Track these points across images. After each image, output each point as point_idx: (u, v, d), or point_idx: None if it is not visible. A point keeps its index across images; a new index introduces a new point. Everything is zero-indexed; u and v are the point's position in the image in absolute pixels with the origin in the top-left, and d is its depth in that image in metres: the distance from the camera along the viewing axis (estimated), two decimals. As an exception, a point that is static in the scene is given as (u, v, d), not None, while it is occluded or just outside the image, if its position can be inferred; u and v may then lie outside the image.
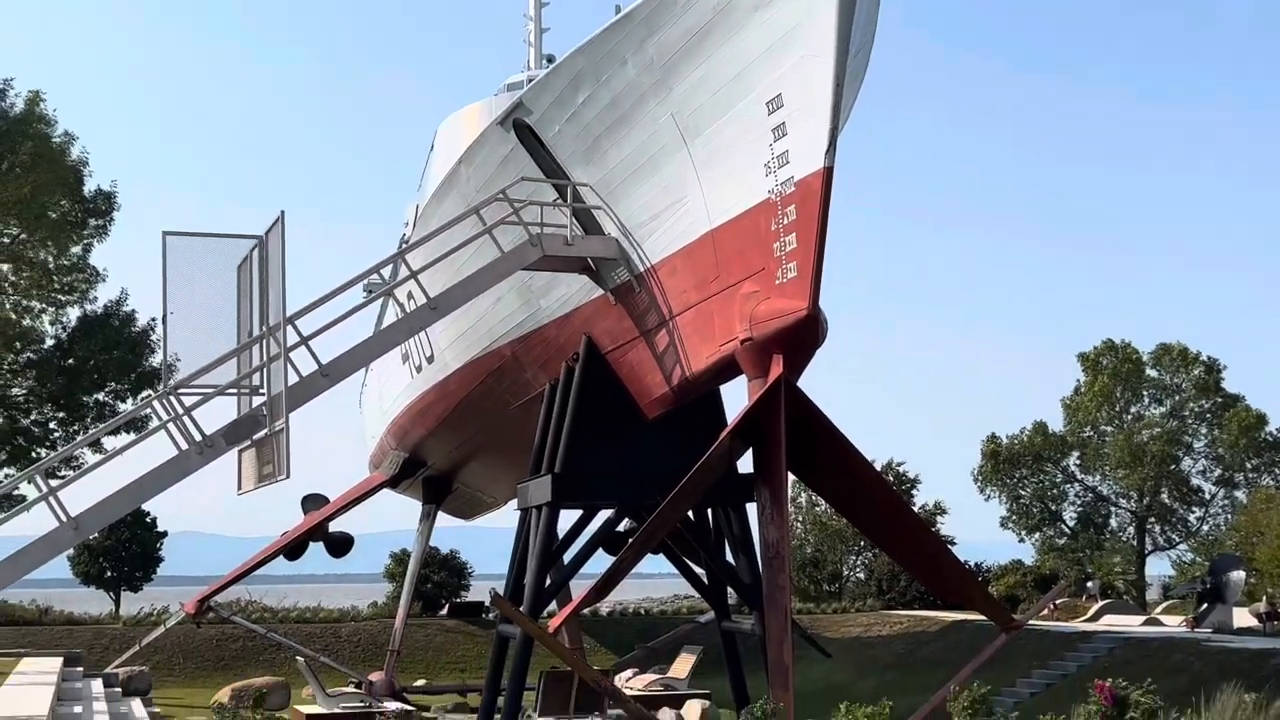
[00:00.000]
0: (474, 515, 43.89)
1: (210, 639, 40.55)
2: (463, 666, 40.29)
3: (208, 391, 22.64)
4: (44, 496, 21.21)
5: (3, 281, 40.52)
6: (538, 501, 22.72)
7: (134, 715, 23.99)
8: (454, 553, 51.02)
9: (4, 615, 41.70)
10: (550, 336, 24.43)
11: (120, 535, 50.07)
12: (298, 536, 36.87)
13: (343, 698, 29.14)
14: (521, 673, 21.93)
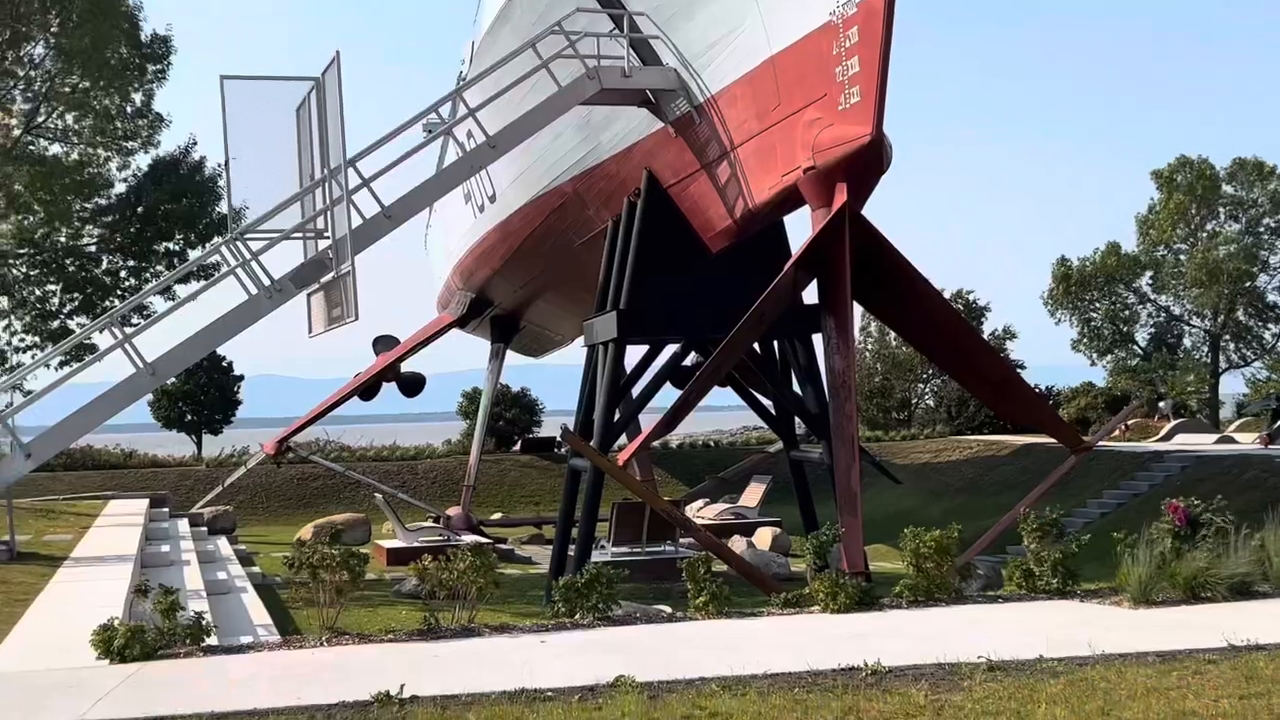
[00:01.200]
0: (542, 353, 44.28)
1: (291, 478, 41.60)
2: (537, 500, 41.09)
3: (274, 236, 22.80)
4: (119, 344, 21.61)
5: (69, 130, 40.73)
6: (604, 338, 22.83)
7: (220, 553, 24.80)
8: (524, 390, 51.61)
9: (91, 459, 42.95)
10: (611, 172, 24.24)
11: (198, 380, 51.12)
12: (370, 377, 37.43)
13: (421, 532, 29.91)
14: (593, 505, 22.30)
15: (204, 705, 8.38)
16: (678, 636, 11.34)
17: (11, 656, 11.05)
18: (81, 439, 29.40)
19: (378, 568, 26.14)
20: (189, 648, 10.73)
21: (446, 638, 11.14)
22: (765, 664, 9.42)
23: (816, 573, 12.97)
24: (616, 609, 12.41)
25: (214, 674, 9.89)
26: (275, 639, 12.82)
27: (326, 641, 11.07)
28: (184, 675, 9.83)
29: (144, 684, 9.36)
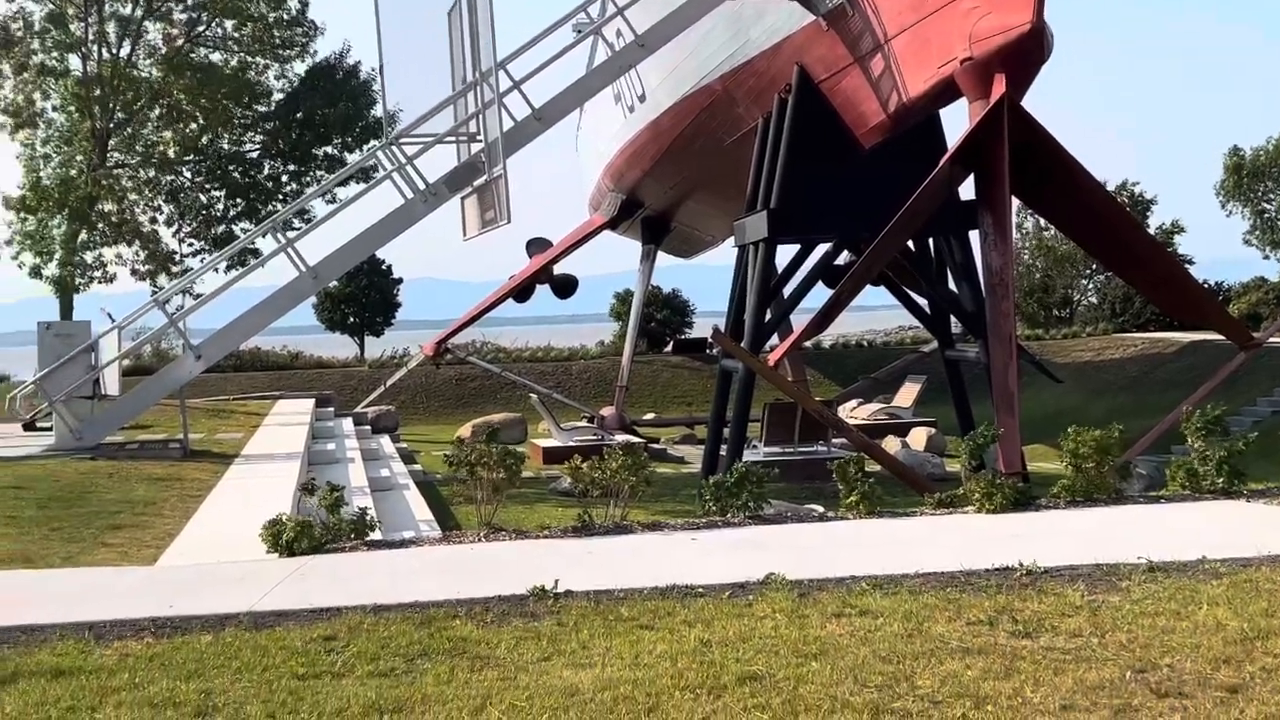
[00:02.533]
0: (693, 254, 44.19)
1: (450, 379, 42.50)
2: (689, 400, 41.31)
3: (428, 140, 23.07)
4: (282, 248, 22.21)
5: (226, 38, 41.63)
6: (755, 238, 22.66)
7: (384, 451, 25.53)
8: (676, 291, 51.69)
9: (259, 361, 44.45)
10: (761, 68, 23.86)
11: (360, 283, 52.35)
12: (524, 279, 37.86)
13: (576, 431, 30.36)
14: (744, 406, 22.33)
15: (367, 598, 8.66)
16: (828, 535, 11.34)
17: (186, 550, 11.58)
18: (249, 341, 30.45)
19: (534, 466, 26.66)
20: (353, 542, 11.09)
21: (600, 534, 11.31)
22: (917, 563, 9.37)
23: (972, 473, 12.81)
24: (767, 508, 12.44)
25: (377, 567, 10.21)
26: (435, 534, 13.18)
27: (484, 537, 11.34)
28: (348, 569, 10.17)
29: (310, 577, 9.72)
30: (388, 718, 6.20)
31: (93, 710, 6.40)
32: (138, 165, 41.68)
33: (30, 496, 15.00)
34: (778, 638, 7.48)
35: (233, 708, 6.41)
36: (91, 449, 19.77)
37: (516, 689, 6.62)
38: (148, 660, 7.29)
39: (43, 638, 7.78)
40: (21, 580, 10.08)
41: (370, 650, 7.40)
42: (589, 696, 6.46)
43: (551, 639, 7.59)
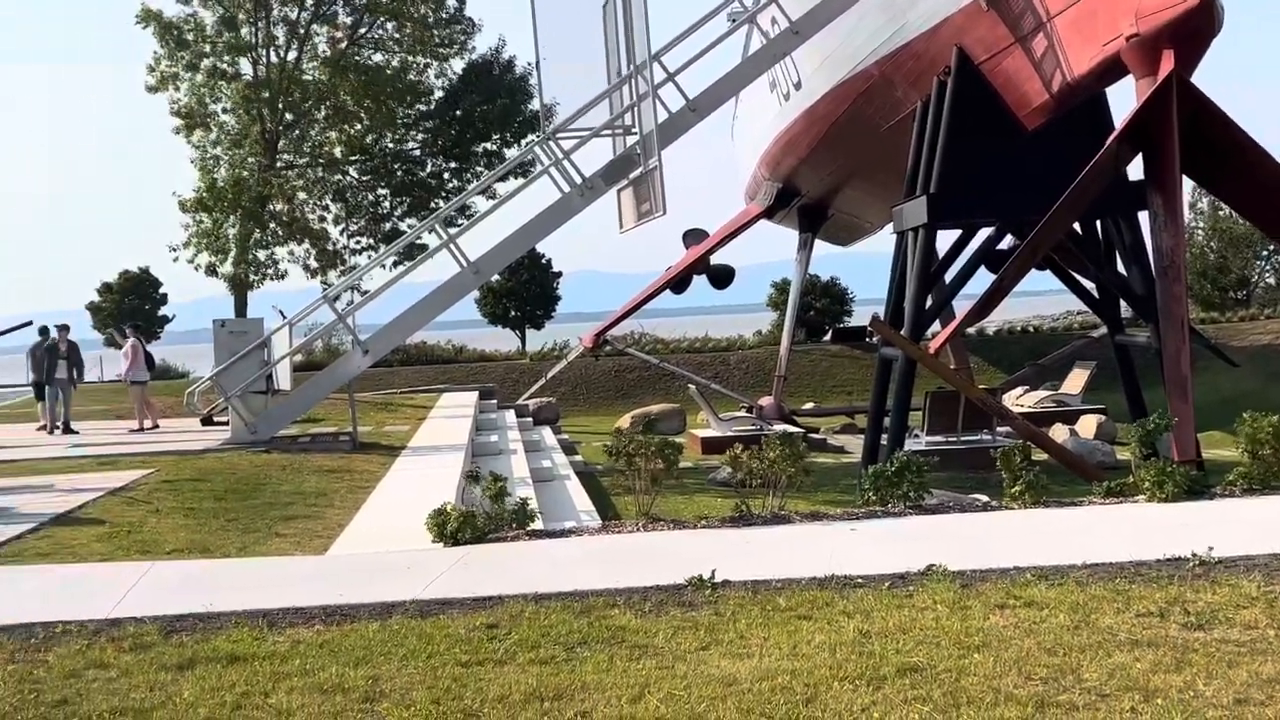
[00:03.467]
0: (851, 241, 43.69)
1: (609, 370, 42.82)
2: (848, 389, 40.91)
3: (583, 134, 23.26)
4: (444, 244, 22.64)
5: (388, 39, 42.58)
6: (914, 223, 22.31)
7: (545, 442, 25.85)
8: (834, 279, 51.20)
9: (424, 354, 45.39)
10: (919, 51, 23.46)
11: (520, 277, 53.08)
12: (681, 270, 37.91)
13: (734, 421, 30.31)
14: (905, 394, 22.00)
15: (529, 586, 8.79)
16: (992, 525, 11.12)
17: (355, 539, 11.89)
18: (415, 335, 31.10)
19: (692, 456, 26.70)
20: (515, 531, 11.27)
21: (758, 524, 11.29)
22: (1084, 553, 9.14)
23: (1143, 461, 12.44)
24: (928, 498, 12.27)
25: (538, 556, 10.36)
26: (595, 524, 13.31)
27: (643, 527, 11.41)
28: (510, 558, 10.34)
29: (474, 565, 9.91)
30: (548, 705, 6.28)
31: (265, 695, 6.62)
32: (306, 165, 42.91)
33: (208, 489, 15.58)
34: (939, 629, 7.37)
35: (399, 694, 6.57)
36: (266, 442, 20.43)
37: (674, 678, 6.65)
38: (318, 647, 7.51)
39: (219, 625, 8.08)
40: (200, 569, 10.48)
41: (531, 638, 7.51)
42: (747, 686, 6.45)
43: (709, 629, 7.61)
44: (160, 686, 6.80)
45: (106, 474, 16.88)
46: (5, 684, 6.86)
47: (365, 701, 6.47)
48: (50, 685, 6.85)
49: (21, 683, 6.90)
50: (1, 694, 6.68)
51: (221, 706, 6.45)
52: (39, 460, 18.92)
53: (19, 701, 6.56)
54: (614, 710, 6.18)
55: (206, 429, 23.38)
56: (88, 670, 7.14)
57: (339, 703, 6.45)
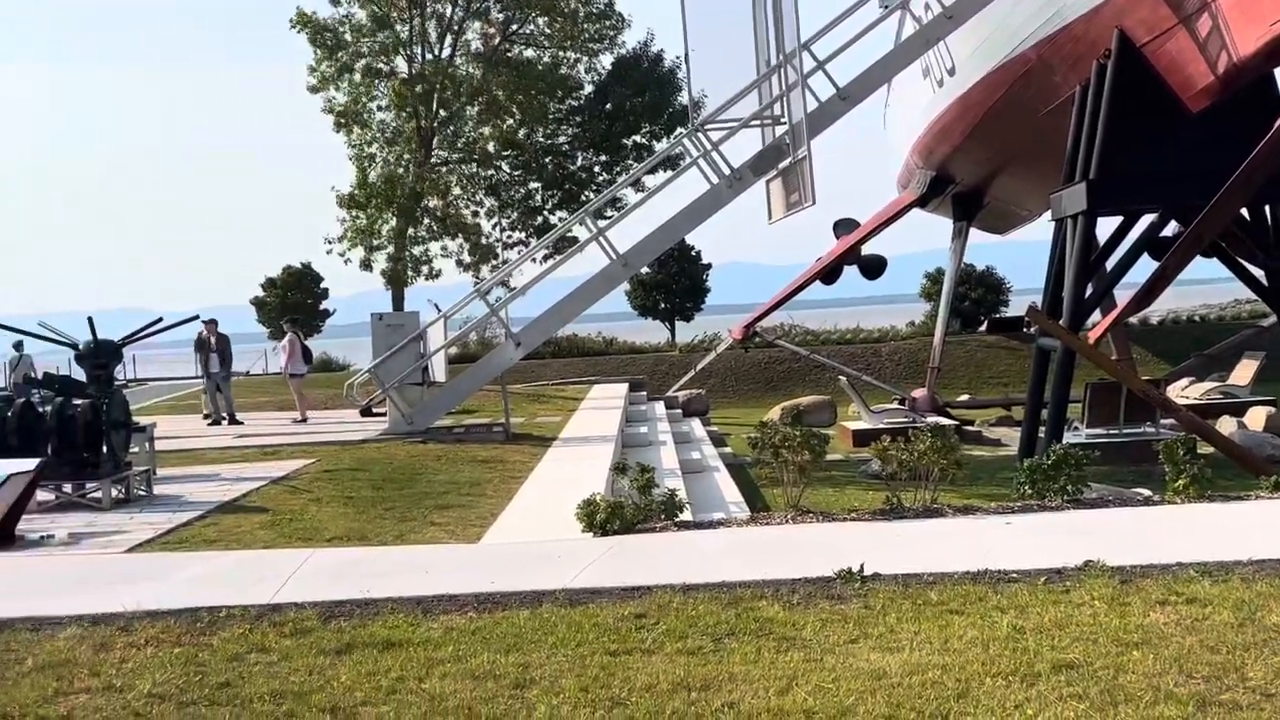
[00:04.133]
0: (1008, 230, 42.77)
1: (758, 362, 42.70)
2: (1005, 381, 40.12)
3: (732, 125, 23.21)
4: (594, 237, 22.83)
5: (540, 35, 43.09)
6: (1073, 210, 21.76)
7: (694, 434, 25.88)
8: (989, 268, 50.19)
9: (575, 347, 45.81)
10: (1078, 33, 22.85)
11: (670, 269, 53.14)
12: (832, 261, 37.57)
13: (886, 414, 29.95)
14: (1064, 386, 21.48)
15: (677, 576, 8.81)
16: (1153, 520, 10.80)
17: (507, 528, 12.06)
18: (565, 328, 31.42)
19: (843, 449, 26.47)
20: (663, 522, 11.30)
21: (909, 517, 11.14)
22: (1251, 549, 8.81)
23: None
24: (1087, 491, 11.96)
25: (686, 547, 10.37)
26: (743, 515, 13.28)
27: (792, 519, 11.34)
28: (659, 548, 10.38)
29: (622, 555, 9.97)
30: (695, 695, 6.29)
31: (420, 680, 6.75)
32: (460, 161, 43.67)
33: (366, 478, 15.97)
34: (1096, 625, 7.19)
35: (549, 681, 6.65)
36: (421, 433, 20.85)
37: (823, 670, 6.60)
38: (470, 634, 7.64)
39: (375, 611, 8.27)
40: (357, 556, 10.73)
41: (679, 629, 7.53)
42: (896, 680, 6.37)
43: (858, 622, 7.53)
44: (319, 670, 6.99)
45: (269, 463, 17.42)
46: (173, 666, 7.12)
47: (515, 688, 6.56)
48: (214, 668, 7.10)
49: (188, 665, 7.15)
50: (169, 676, 6.94)
51: (377, 690, 6.60)
52: (206, 450, 19.61)
53: (185, 683, 6.80)
54: (761, 702, 6.16)
55: (365, 420, 23.95)
56: (250, 654, 7.38)
57: (490, 689, 6.55)
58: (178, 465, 17.39)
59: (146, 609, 8.37)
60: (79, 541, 11.77)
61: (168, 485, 15.43)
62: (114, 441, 14.49)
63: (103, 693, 6.70)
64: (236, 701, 6.48)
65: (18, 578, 10.19)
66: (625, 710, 6.12)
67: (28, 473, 12.46)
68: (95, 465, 14.19)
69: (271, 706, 6.38)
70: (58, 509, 13.69)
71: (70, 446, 14.05)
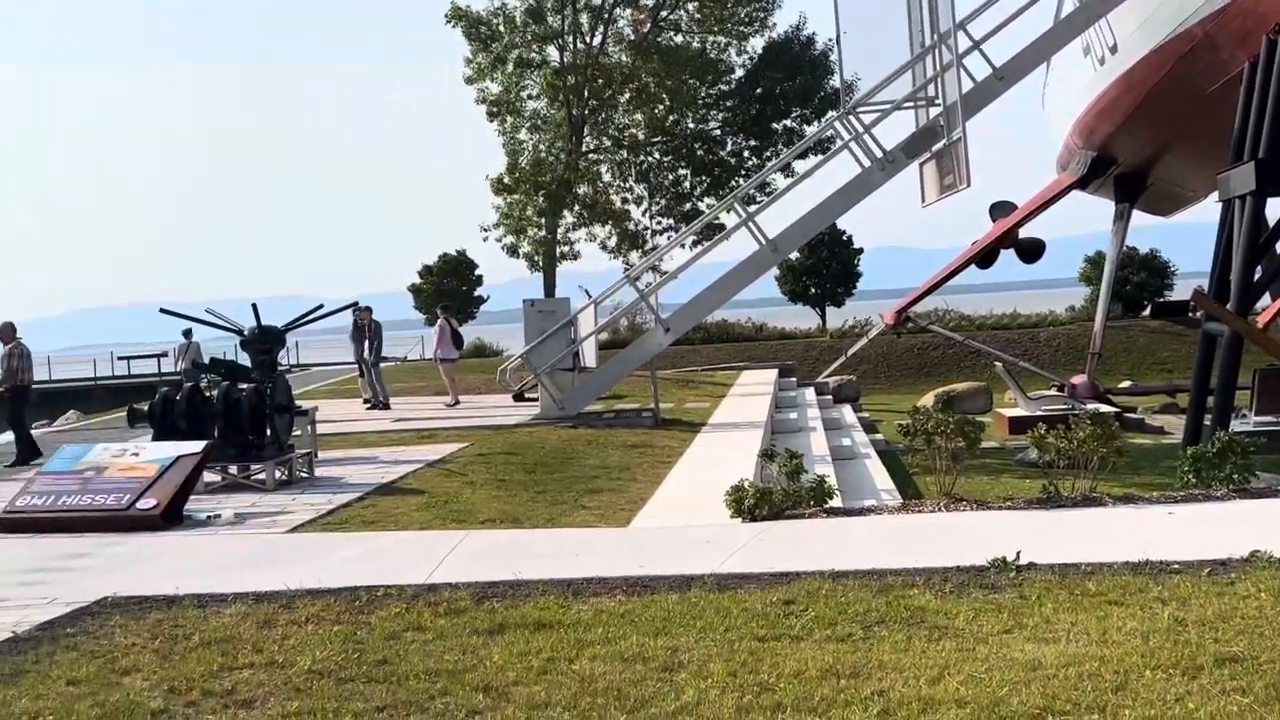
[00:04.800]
0: (1172, 211, 41.41)
1: (911, 348, 42.14)
2: (1169, 367, 38.94)
3: (885, 107, 22.91)
4: (743, 222, 22.75)
5: (689, 20, 43.06)
6: (1240, 191, 20.98)
7: (845, 420, 25.68)
8: (1153, 252, 48.72)
9: (724, 332, 45.77)
10: (1247, 8, 21.99)
11: (820, 254, 52.74)
12: (987, 245, 36.84)
13: (1044, 401, 29.28)
14: (1231, 372, 20.74)
15: (826, 563, 8.75)
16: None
17: (656, 513, 12.12)
18: (714, 313, 31.41)
19: (998, 436, 25.96)
20: (812, 509, 11.23)
21: (1066, 507, 10.88)
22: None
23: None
24: (1255, 481, 11.54)
25: (836, 534, 10.30)
26: (894, 503, 13.14)
27: (944, 507, 11.17)
28: (807, 534, 10.32)
29: (770, 541, 9.94)
30: (844, 683, 6.25)
31: (570, 662, 6.83)
32: (610, 149, 43.92)
33: (519, 461, 16.20)
34: (1262, 619, 6.94)
35: (697, 665, 6.66)
36: (573, 417, 21.07)
37: (975, 660, 6.50)
38: (619, 617, 7.70)
39: (527, 592, 8.38)
40: (510, 539, 10.90)
41: (828, 615, 7.48)
42: (1052, 671, 6.24)
43: (1013, 611, 7.39)
44: (472, 650, 7.12)
45: (425, 447, 17.78)
46: (332, 643, 7.33)
47: (664, 671, 6.59)
48: (372, 646, 7.28)
49: (346, 642, 7.35)
50: (329, 653, 7.14)
51: (528, 671, 6.69)
52: (365, 433, 20.10)
53: (344, 660, 6.99)
54: (912, 690, 6.09)
55: (518, 404, 24.28)
56: (406, 632, 7.55)
57: (639, 671, 6.59)
58: (338, 448, 17.86)
59: (307, 587, 8.62)
60: (243, 522, 12.18)
61: (328, 468, 15.86)
62: (277, 425, 14.94)
63: (265, 668, 6.92)
64: (393, 679, 6.63)
65: (185, 556, 10.58)
66: (773, 696, 6.10)
67: (195, 455, 12.94)
68: (260, 448, 14.65)
69: (426, 684, 6.52)
70: (224, 490, 14.18)
71: (236, 429, 14.52)
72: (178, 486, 12.36)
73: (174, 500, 12.22)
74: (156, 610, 8.25)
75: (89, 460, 13.03)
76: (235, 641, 7.46)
